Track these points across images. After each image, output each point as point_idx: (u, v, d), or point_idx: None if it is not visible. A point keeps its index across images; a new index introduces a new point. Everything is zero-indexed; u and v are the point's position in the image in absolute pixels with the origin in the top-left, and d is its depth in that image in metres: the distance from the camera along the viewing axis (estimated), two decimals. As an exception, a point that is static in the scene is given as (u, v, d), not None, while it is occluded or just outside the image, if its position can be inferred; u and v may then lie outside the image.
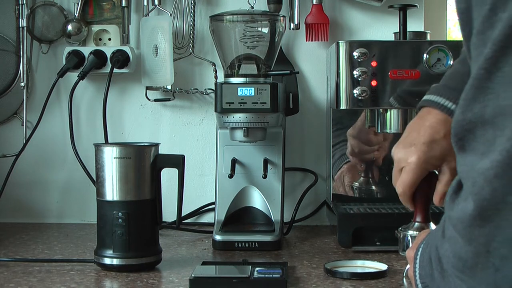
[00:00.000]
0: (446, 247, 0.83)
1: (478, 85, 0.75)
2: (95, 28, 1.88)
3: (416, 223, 1.19)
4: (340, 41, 1.57)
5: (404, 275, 1.31)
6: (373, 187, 1.72)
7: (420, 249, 0.98)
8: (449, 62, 1.54)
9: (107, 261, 1.35)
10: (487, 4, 0.74)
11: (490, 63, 0.74)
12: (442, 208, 1.01)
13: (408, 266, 1.29)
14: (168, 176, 1.49)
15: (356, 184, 1.71)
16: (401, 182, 1.15)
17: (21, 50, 1.88)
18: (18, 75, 1.88)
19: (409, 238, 1.31)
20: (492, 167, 0.74)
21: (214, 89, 1.72)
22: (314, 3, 1.82)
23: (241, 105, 1.56)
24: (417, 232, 1.20)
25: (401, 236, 1.34)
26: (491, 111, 0.74)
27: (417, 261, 0.98)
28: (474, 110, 0.76)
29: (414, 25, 1.81)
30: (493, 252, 0.75)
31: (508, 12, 0.72)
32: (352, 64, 1.55)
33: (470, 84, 0.76)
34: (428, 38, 1.71)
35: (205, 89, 1.87)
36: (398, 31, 1.69)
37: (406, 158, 1.13)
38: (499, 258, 0.75)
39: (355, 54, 1.55)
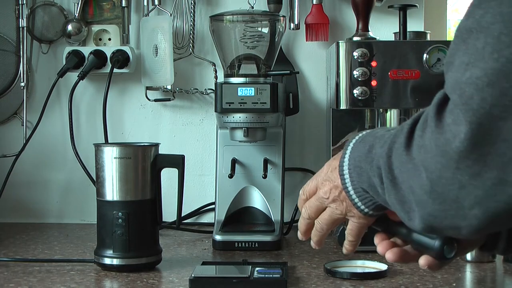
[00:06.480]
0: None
1: None
2: (95, 28, 1.88)
3: None
4: (340, 41, 1.57)
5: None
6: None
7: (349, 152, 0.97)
8: (449, 62, 1.54)
9: (107, 261, 1.35)
10: None
11: None
12: None
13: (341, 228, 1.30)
14: (168, 176, 1.49)
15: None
16: None
17: (21, 50, 1.88)
18: (18, 75, 1.88)
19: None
20: (486, 74, 0.71)
21: (214, 89, 1.72)
22: (314, 3, 1.82)
23: (241, 105, 1.56)
24: None
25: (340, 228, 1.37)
26: (490, 18, 0.72)
27: (347, 162, 0.97)
28: (475, 16, 0.74)
29: (414, 25, 1.80)
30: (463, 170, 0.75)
31: None
32: (352, 64, 1.55)
33: None
34: (428, 38, 1.71)
35: (205, 89, 1.87)
36: (398, 31, 1.69)
37: None
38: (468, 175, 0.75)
39: (355, 54, 1.55)
